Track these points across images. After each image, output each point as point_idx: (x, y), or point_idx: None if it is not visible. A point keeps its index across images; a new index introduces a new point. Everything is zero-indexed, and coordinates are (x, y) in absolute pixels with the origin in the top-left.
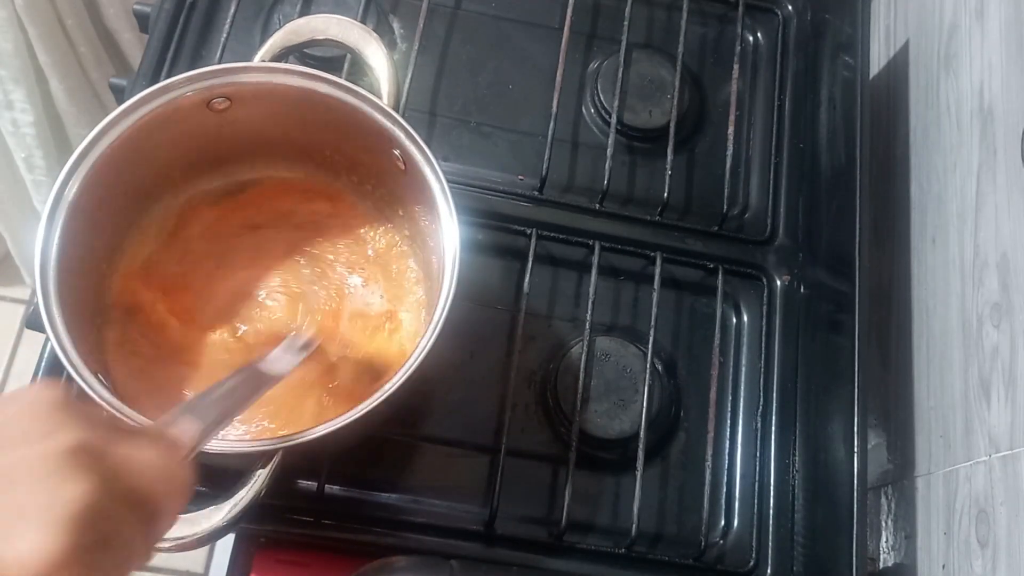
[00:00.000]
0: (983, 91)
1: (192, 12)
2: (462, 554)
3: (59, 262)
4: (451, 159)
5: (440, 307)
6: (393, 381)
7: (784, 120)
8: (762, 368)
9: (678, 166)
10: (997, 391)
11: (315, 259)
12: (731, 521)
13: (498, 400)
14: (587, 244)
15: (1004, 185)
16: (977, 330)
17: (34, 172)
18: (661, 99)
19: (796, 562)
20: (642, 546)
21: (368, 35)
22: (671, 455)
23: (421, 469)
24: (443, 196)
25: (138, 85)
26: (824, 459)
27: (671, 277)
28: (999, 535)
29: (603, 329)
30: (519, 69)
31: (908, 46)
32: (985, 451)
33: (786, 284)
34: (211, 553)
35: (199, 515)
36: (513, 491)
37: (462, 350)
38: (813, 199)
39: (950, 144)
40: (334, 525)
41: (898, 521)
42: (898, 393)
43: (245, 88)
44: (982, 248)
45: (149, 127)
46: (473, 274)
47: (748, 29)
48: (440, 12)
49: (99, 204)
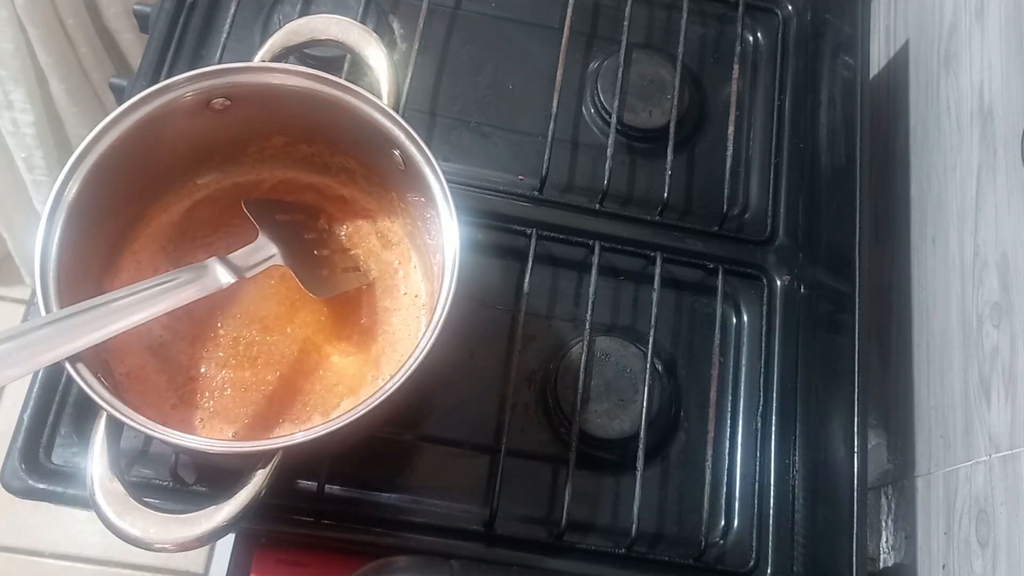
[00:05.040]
0: (983, 91)
1: (192, 12)
2: (462, 554)
3: (59, 262)
4: (451, 159)
5: (440, 307)
6: (393, 381)
7: (784, 120)
8: (762, 368)
9: (678, 166)
10: (997, 391)
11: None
12: (731, 521)
13: (498, 400)
14: (587, 244)
15: (1004, 185)
16: (977, 330)
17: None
18: (661, 99)
19: (796, 562)
20: (642, 546)
21: (368, 35)
22: (671, 455)
23: (421, 469)
24: (443, 196)
25: (138, 85)
26: (824, 459)
27: (671, 277)
28: (999, 535)
29: (603, 329)
30: (519, 69)
31: (908, 46)
32: (985, 451)
33: (786, 284)
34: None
35: (199, 515)
36: (513, 491)
37: (462, 350)
38: (813, 199)
39: (950, 144)
40: (334, 525)
41: (898, 521)
42: (898, 393)
43: (245, 88)
44: (982, 248)
45: (149, 127)
46: (473, 274)
47: (748, 29)
48: (440, 12)
49: (99, 204)
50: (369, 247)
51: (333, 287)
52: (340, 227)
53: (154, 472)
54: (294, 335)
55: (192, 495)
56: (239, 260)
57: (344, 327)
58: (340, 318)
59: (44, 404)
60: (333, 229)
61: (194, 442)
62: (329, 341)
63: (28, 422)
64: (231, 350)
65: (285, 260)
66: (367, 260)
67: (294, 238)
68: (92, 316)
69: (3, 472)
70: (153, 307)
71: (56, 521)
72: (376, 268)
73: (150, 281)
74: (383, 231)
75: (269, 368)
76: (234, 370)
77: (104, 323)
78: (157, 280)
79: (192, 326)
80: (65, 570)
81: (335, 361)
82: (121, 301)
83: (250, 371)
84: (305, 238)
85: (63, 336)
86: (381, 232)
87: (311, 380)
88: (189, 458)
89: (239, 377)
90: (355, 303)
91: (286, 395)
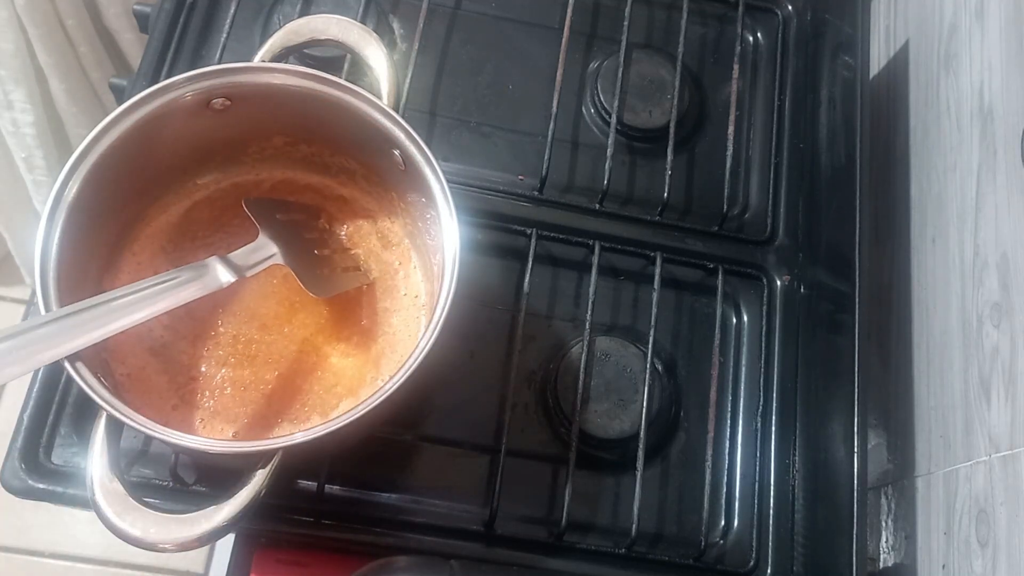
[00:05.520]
0: (983, 91)
1: (192, 12)
2: (462, 554)
3: (59, 262)
4: (451, 159)
5: (440, 307)
6: (393, 381)
7: (784, 120)
8: (762, 368)
9: (678, 166)
10: (997, 391)
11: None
12: (731, 521)
13: (498, 400)
14: (587, 244)
15: (1004, 185)
16: (977, 330)
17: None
18: (661, 99)
19: (796, 562)
20: (642, 546)
21: (368, 35)
22: (671, 455)
23: (421, 469)
24: (443, 196)
25: (138, 85)
26: (824, 459)
27: (671, 277)
28: (999, 535)
29: (603, 329)
30: (519, 69)
31: (908, 46)
32: (985, 451)
33: (786, 284)
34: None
35: (199, 515)
36: (513, 491)
37: (462, 350)
38: (813, 199)
39: (950, 144)
40: (334, 525)
41: (898, 521)
42: (898, 393)
43: (245, 88)
44: (982, 248)
45: (149, 127)
46: (473, 274)
47: (748, 29)
48: (440, 12)
49: (99, 204)
50: (369, 247)
51: (333, 287)
52: (340, 227)
53: (154, 472)
54: (294, 335)
55: (192, 495)
56: (239, 259)
57: (344, 327)
58: (340, 318)
59: (44, 404)
60: (333, 229)
61: (194, 442)
62: (329, 341)
63: (28, 422)
64: (231, 349)
65: (285, 259)
66: (367, 260)
67: (294, 238)
68: (92, 315)
69: (3, 472)
70: (153, 306)
71: (56, 521)
72: (376, 268)
73: (150, 280)
74: (383, 231)
75: (268, 367)
76: (234, 369)
77: (104, 322)
78: (157, 279)
79: (192, 325)
80: (65, 570)
81: (335, 361)
82: (121, 300)
83: (250, 370)
84: (305, 238)
85: (63, 335)
86: (381, 232)
87: (310, 380)
88: (189, 458)
89: (239, 376)
90: (355, 303)
91: (285, 395)
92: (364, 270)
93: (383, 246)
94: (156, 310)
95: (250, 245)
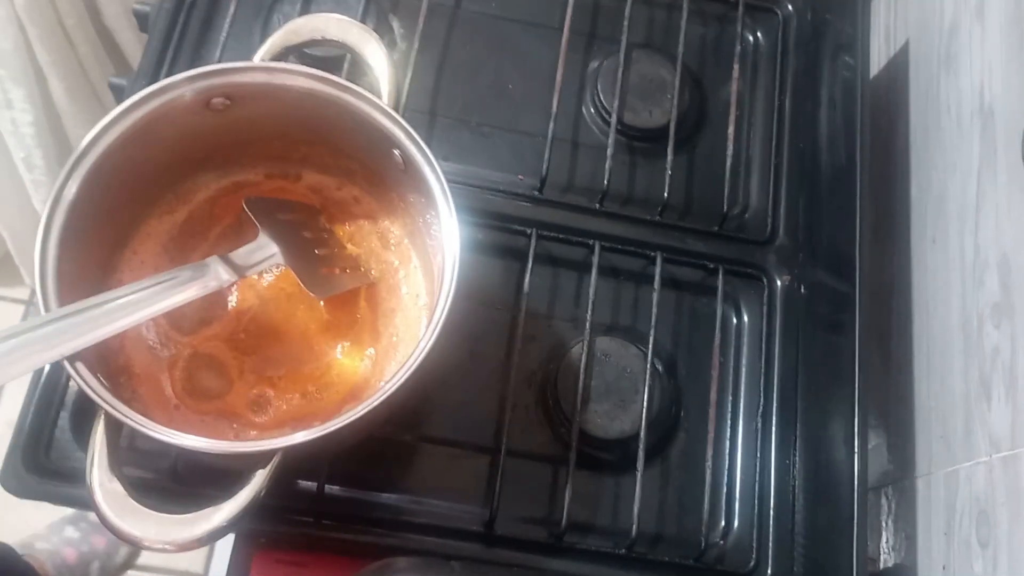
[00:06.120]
0: (983, 91)
1: (192, 12)
2: (463, 555)
3: (59, 262)
4: (451, 159)
5: (440, 307)
6: (393, 381)
7: (784, 120)
8: (762, 368)
9: (678, 166)
10: (997, 391)
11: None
12: (731, 521)
13: (498, 400)
14: (587, 244)
15: (1004, 185)
16: (977, 330)
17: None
18: (661, 99)
19: (796, 562)
20: (642, 546)
21: (368, 35)
22: (671, 455)
23: (421, 469)
24: (443, 196)
25: (138, 85)
26: (824, 459)
27: (671, 277)
28: (1000, 536)
29: (603, 329)
30: (519, 69)
31: (908, 46)
32: (985, 451)
33: (786, 284)
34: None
35: (199, 515)
36: (513, 491)
37: (462, 350)
38: (813, 199)
39: (950, 144)
40: (334, 525)
41: (898, 521)
42: (898, 393)
43: (245, 88)
44: (982, 248)
45: (149, 127)
46: (473, 274)
47: (748, 29)
48: (440, 12)
49: (99, 204)
50: (370, 247)
51: (333, 287)
52: (341, 227)
53: (154, 472)
54: (294, 335)
55: (192, 495)
56: (239, 259)
57: (344, 327)
58: (340, 318)
59: (44, 404)
60: (333, 229)
61: (194, 442)
62: (329, 341)
63: (28, 422)
64: (231, 349)
65: (286, 259)
66: (368, 260)
67: (294, 237)
68: (92, 315)
69: (3, 472)
70: (153, 306)
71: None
72: (377, 268)
73: (150, 280)
74: (384, 231)
75: (268, 367)
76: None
77: (104, 322)
78: (157, 279)
79: (193, 325)
80: None
81: (335, 361)
82: (121, 300)
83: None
84: (305, 238)
85: (63, 335)
86: (382, 232)
87: (311, 380)
88: (189, 458)
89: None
90: (355, 303)
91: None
92: (364, 270)
93: (383, 246)
94: (156, 310)
95: (250, 245)
